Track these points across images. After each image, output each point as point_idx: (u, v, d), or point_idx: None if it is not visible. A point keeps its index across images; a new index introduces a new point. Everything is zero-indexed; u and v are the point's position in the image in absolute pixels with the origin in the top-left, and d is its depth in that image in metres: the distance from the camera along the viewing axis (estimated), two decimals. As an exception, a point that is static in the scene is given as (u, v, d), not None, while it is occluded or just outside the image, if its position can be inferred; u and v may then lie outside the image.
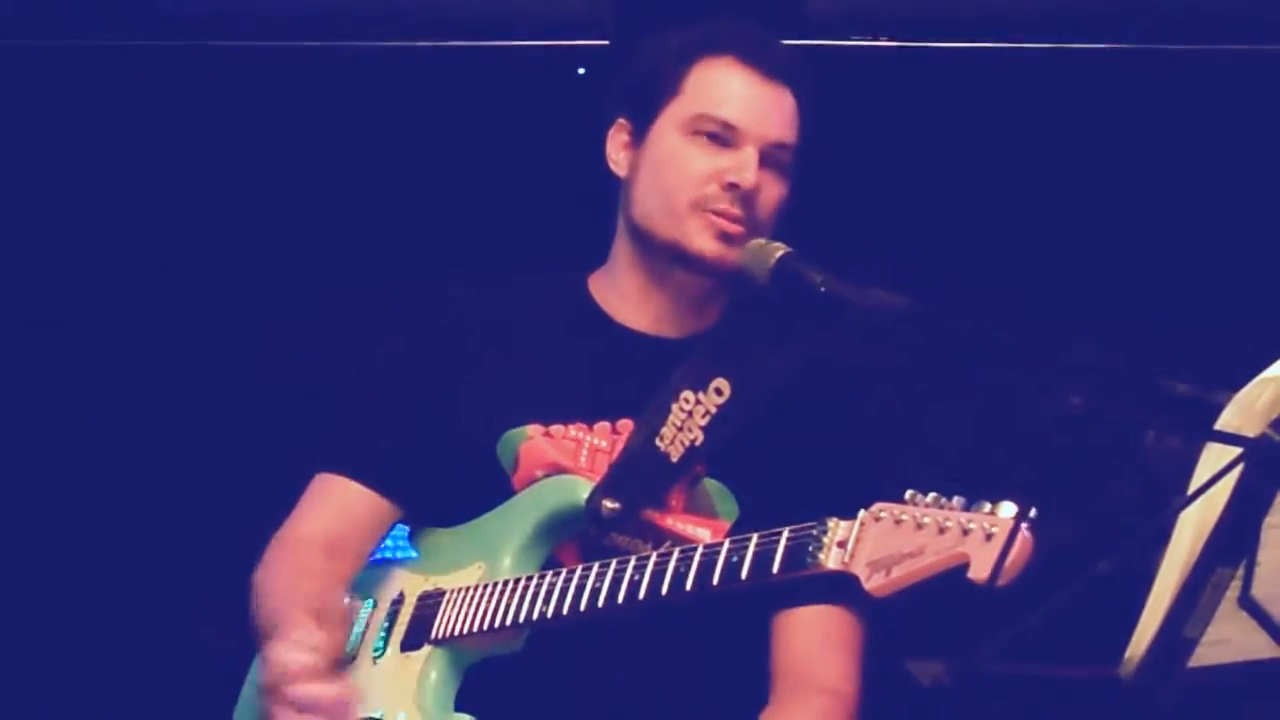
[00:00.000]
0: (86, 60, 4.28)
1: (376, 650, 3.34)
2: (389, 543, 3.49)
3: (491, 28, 4.20)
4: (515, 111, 4.29)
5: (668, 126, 3.33)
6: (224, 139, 4.40)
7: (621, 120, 3.40)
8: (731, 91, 3.32)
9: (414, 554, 3.44)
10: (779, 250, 3.20)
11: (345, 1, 4.18)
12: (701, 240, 3.29)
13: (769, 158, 3.31)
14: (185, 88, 4.31)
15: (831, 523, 2.97)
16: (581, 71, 4.20)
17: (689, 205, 3.29)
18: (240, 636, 3.37)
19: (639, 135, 3.37)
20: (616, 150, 3.40)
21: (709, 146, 3.31)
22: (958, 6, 4.08)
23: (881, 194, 4.28)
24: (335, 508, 3.40)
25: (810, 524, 2.99)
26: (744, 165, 3.28)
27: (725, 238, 3.27)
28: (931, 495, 2.90)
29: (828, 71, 3.58)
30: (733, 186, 3.28)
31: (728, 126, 3.30)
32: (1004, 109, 4.18)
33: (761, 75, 3.33)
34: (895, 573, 2.89)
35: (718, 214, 3.28)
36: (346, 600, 3.29)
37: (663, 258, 3.34)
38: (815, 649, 3.29)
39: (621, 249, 3.42)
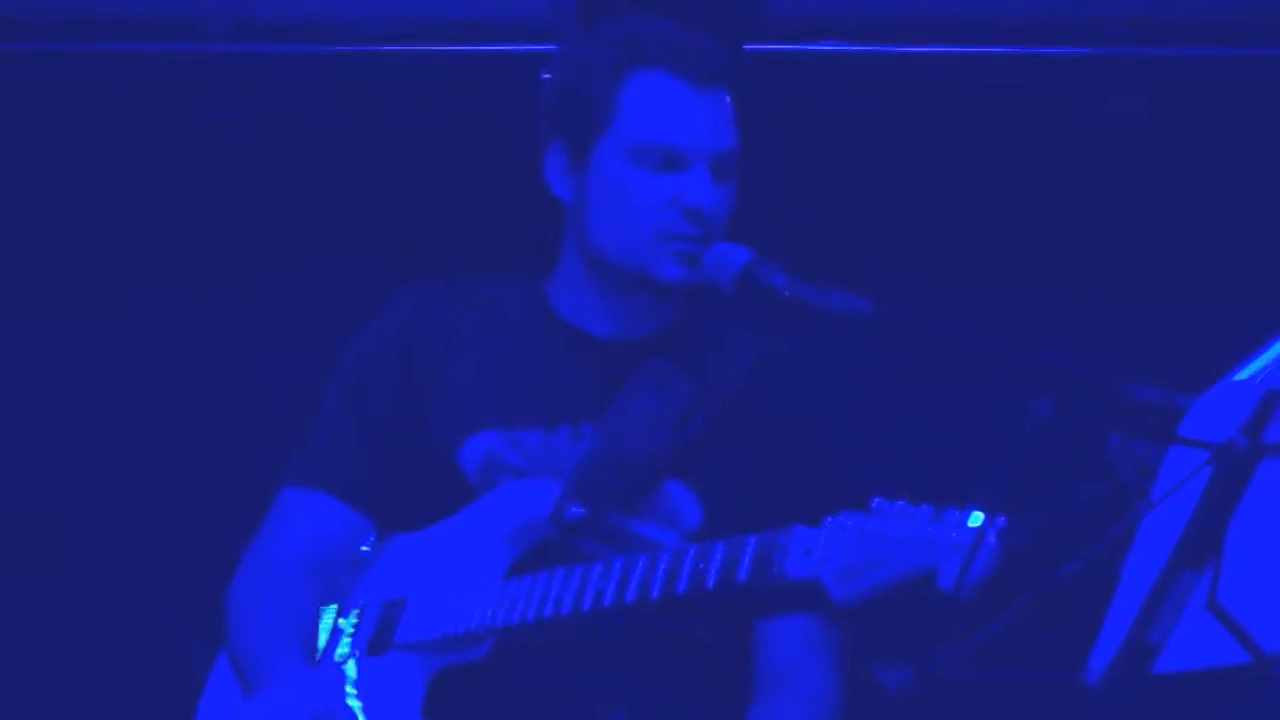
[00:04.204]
0: (55, 65, 4.28)
1: (340, 656, 3.33)
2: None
3: (454, 32, 4.19)
4: (478, 116, 4.28)
5: (610, 154, 3.29)
6: (188, 146, 4.40)
7: (557, 143, 3.36)
8: (669, 111, 3.28)
9: (378, 558, 3.43)
10: (742, 257, 3.19)
11: (305, 7, 4.18)
12: (669, 268, 3.26)
13: (717, 168, 3.29)
14: (159, 93, 4.31)
15: (799, 531, 2.97)
16: (546, 77, 4.19)
17: (652, 236, 3.26)
18: (201, 637, 3.38)
19: (578, 159, 3.31)
20: (556, 173, 3.35)
21: (658, 171, 3.27)
22: (920, 10, 4.08)
23: (850, 197, 4.29)
24: (311, 525, 3.38)
25: (777, 531, 2.99)
26: (699, 186, 3.25)
27: (691, 260, 3.26)
28: (899, 504, 2.90)
29: (789, 75, 3.58)
30: (693, 211, 3.26)
31: (674, 149, 3.26)
32: (972, 113, 4.19)
33: (695, 85, 3.28)
34: (862, 582, 2.90)
35: (682, 238, 3.26)
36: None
37: (626, 282, 3.33)
38: (794, 653, 3.29)
39: (574, 264, 3.38)
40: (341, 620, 3.37)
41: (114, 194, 4.47)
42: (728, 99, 3.31)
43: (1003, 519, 2.75)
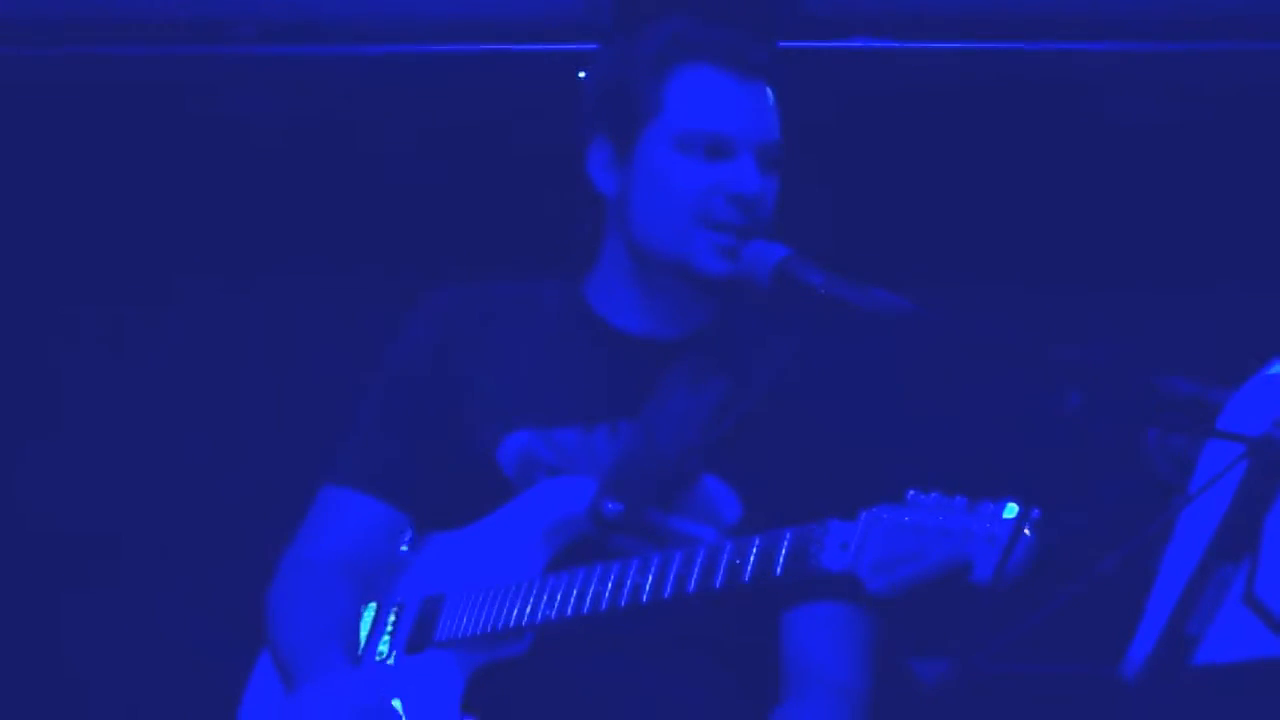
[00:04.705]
0: (73, 67, 4.30)
1: (380, 653, 3.34)
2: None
3: (491, 31, 4.20)
4: (516, 115, 4.29)
5: (655, 144, 3.30)
6: (233, 145, 4.42)
7: (601, 138, 3.37)
8: (716, 100, 3.29)
9: (417, 557, 3.45)
10: (778, 254, 3.20)
11: (340, 7, 4.19)
12: (708, 261, 3.27)
13: (763, 158, 3.30)
14: (186, 94, 4.32)
15: (834, 524, 2.97)
16: (583, 75, 4.20)
17: (692, 222, 3.27)
18: (242, 635, 3.40)
19: (623, 153, 3.33)
20: (600, 168, 3.36)
21: (704, 159, 3.29)
22: (957, 6, 4.08)
23: (882, 193, 4.29)
24: (350, 525, 3.40)
25: (812, 525, 2.99)
26: (745, 174, 3.27)
27: (731, 254, 3.26)
28: (934, 496, 2.90)
29: (827, 71, 3.57)
30: (738, 198, 3.27)
31: (720, 138, 3.28)
32: (1003, 108, 4.19)
33: (740, 76, 3.30)
34: (897, 574, 2.89)
35: (724, 228, 3.26)
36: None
37: (667, 274, 3.33)
38: (824, 646, 3.29)
39: (616, 259, 3.39)
40: (381, 618, 3.38)
41: (140, 195, 4.49)
42: (770, 92, 3.33)
43: (1037, 511, 2.75)
